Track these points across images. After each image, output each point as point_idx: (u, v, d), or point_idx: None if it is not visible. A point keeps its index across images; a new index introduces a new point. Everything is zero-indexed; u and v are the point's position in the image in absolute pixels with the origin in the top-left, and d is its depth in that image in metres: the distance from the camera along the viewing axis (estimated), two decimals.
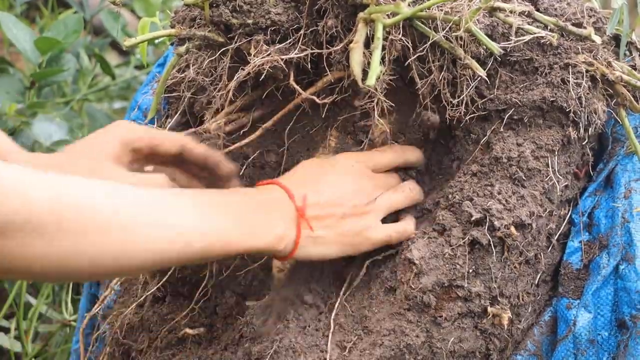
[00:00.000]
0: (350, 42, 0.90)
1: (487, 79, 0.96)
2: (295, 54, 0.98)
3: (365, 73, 0.83)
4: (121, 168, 0.92)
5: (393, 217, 1.01)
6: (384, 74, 0.95)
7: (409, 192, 1.02)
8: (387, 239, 0.99)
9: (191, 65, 1.05)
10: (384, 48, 0.95)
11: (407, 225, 1.00)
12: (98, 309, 1.22)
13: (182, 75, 1.08)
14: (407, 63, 0.97)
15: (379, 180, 1.00)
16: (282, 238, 0.91)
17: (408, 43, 0.95)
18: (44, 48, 1.58)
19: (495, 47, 0.93)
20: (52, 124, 1.63)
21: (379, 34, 0.85)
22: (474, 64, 0.94)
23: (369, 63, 0.84)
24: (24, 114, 1.62)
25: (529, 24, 0.97)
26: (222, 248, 0.86)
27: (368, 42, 0.89)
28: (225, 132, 1.05)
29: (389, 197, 1.00)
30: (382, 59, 0.95)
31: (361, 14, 0.89)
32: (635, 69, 1.03)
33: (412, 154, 1.05)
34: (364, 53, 0.86)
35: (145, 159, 0.96)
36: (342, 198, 0.96)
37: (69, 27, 1.62)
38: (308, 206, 0.93)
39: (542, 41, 0.98)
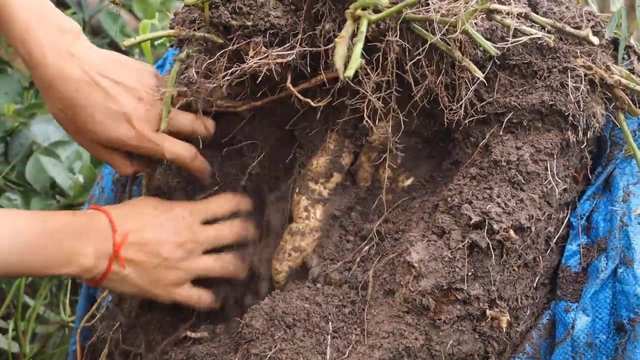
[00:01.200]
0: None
1: (485, 82, 0.97)
2: (292, 57, 0.98)
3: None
4: None
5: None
6: (377, 74, 0.95)
7: (225, 263, 1.08)
8: (187, 300, 1.06)
9: (192, 66, 1.05)
10: (380, 50, 0.95)
11: (204, 293, 1.08)
12: (95, 308, 1.22)
13: (182, 77, 1.08)
14: (406, 67, 0.97)
15: (204, 237, 1.06)
16: (90, 270, 0.98)
17: (405, 46, 0.95)
18: None
19: (492, 48, 0.93)
20: (50, 124, 1.63)
21: (363, 28, 0.86)
22: (472, 66, 0.94)
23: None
24: (22, 115, 1.62)
25: (527, 27, 0.97)
26: (25, 271, 0.96)
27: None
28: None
29: (205, 263, 1.06)
30: (384, 64, 0.95)
31: (348, 11, 0.89)
32: (633, 73, 1.03)
33: (244, 204, 1.11)
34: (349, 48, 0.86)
35: None
36: (163, 247, 1.01)
37: None
38: (127, 245, 0.98)
39: (539, 42, 0.98)
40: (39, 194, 1.54)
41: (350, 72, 0.78)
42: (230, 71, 0.98)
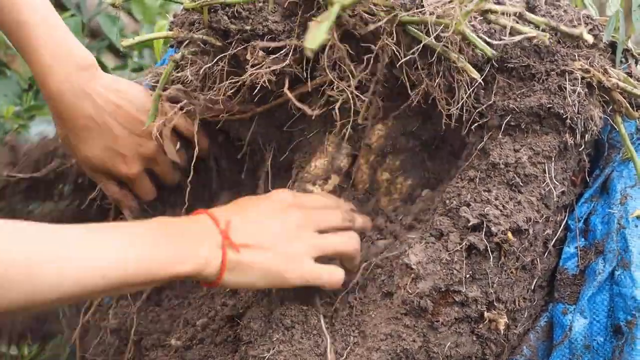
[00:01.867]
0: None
1: (484, 84, 0.97)
2: (287, 63, 0.98)
3: None
4: None
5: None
6: (367, 74, 0.95)
7: (346, 238, 1.00)
8: (316, 276, 0.96)
9: (188, 67, 1.05)
10: (373, 52, 0.95)
11: (337, 269, 0.99)
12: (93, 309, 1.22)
13: (179, 75, 1.08)
14: (402, 69, 0.97)
15: (315, 216, 0.99)
16: (207, 263, 0.89)
17: (400, 48, 0.96)
18: None
19: (488, 49, 0.93)
20: (49, 126, 1.63)
21: (334, 8, 0.85)
22: (468, 67, 0.94)
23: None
24: (22, 117, 1.62)
25: (522, 27, 0.97)
26: (144, 276, 0.86)
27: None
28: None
29: (324, 237, 0.98)
30: (384, 67, 0.96)
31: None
32: (631, 76, 1.03)
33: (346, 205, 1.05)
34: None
35: None
36: (271, 224, 0.95)
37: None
38: (233, 230, 0.91)
39: (536, 44, 0.98)
40: None
41: (313, 45, 0.77)
42: (228, 82, 0.98)
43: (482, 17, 0.94)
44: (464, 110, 0.98)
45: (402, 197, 1.08)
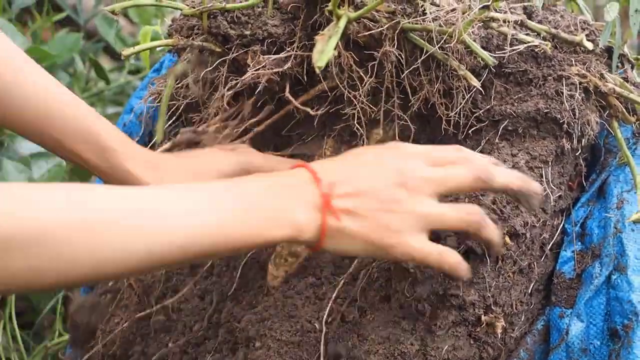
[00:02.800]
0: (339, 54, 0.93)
1: (482, 89, 0.97)
2: (288, 66, 0.98)
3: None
4: None
5: None
6: (371, 81, 0.96)
7: (464, 213, 0.85)
8: (426, 256, 0.84)
9: (189, 74, 1.05)
10: (376, 59, 0.96)
11: (450, 252, 0.86)
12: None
13: (178, 85, 1.08)
14: (403, 74, 0.98)
15: (431, 176, 0.84)
16: (303, 229, 0.80)
17: (402, 54, 0.96)
18: (34, 58, 1.56)
19: (489, 58, 0.94)
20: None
21: (341, 24, 0.86)
22: (468, 75, 0.95)
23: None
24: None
25: (523, 35, 0.98)
26: (234, 242, 0.77)
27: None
28: (223, 135, 1.06)
29: (439, 208, 0.84)
30: (381, 72, 0.96)
31: (327, 8, 0.91)
32: (627, 81, 1.04)
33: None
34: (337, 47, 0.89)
35: None
36: (378, 189, 0.82)
37: (66, 45, 1.62)
38: (335, 194, 0.81)
39: (534, 49, 0.98)
40: None
41: (321, 63, 0.78)
42: (229, 85, 0.99)
43: (482, 24, 0.95)
44: (462, 115, 0.99)
45: None
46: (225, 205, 0.77)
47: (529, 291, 0.99)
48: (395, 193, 0.82)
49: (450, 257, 0.85)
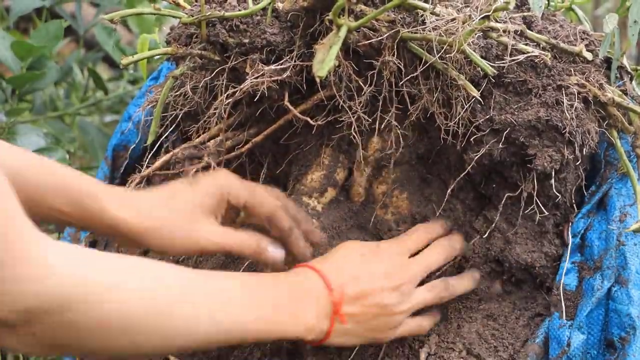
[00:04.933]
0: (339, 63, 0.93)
1: (481, 99, 0.97)
2: (287, 75, 0.98)
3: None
4: (213, 221, 0.93)
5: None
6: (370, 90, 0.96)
7: (438, 290, 1.01)
8: (408, 334, 1.01)
9: (187, 83, 1.05)
10: (375, 68, 0.96)
11: (422, 320, 1.01)
12: None
13: (177, 93, 1.08)
14: (401, 83, 0.98)
15: (415, 273, 0.99)
16: (312, 330, 0.91)
17: (401, 64, 0.96)
18: (21, 53, 1.56)
19: (489, 68, 0.93)
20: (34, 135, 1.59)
21: (341, 33, 0.87)
22: (468, 85, 0.94)
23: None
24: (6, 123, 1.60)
25: (523, 45, 0.98)
26: (254, 337, 0.88)
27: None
28: (224, 148, 1.05)
29: (423, 297, 0.99)
30: (380, 81, 0.96)
31: (327, 18, 0.91)
32: (626, 94, 1.03)
33: (440, 228, 1.06)
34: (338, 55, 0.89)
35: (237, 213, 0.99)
36: (381, 295, 0.95)
37: (50, 33, 1.60)
38: (345, 302, 0.92)
39: (535, 60, 0.98)
40: None
41: (322, 73, 0.80)
42: (227, 93, 0.98)
43: (481, 34, 0.94)
44: (461, 125, 0.98)
45: (398, 209, 1.08)
46: (262, 305, 0.88)
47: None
48: (392, 297, 0.95)
49: (427, 324, 1.03)
